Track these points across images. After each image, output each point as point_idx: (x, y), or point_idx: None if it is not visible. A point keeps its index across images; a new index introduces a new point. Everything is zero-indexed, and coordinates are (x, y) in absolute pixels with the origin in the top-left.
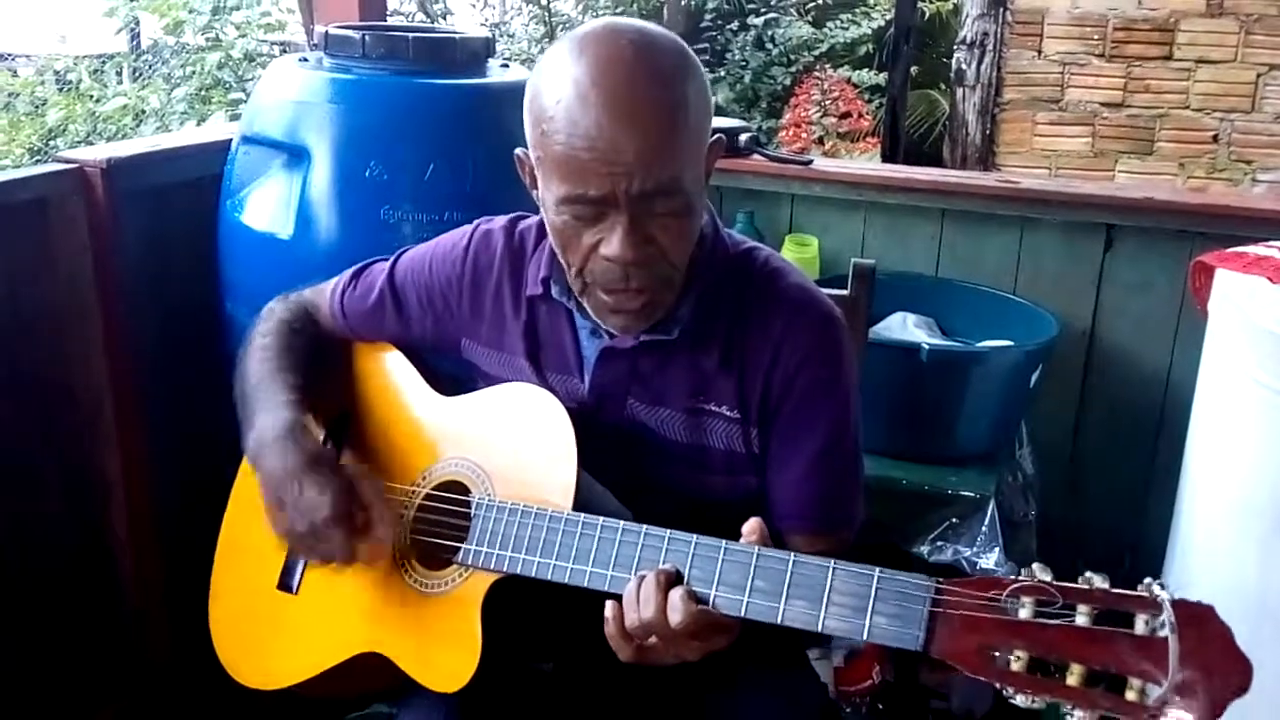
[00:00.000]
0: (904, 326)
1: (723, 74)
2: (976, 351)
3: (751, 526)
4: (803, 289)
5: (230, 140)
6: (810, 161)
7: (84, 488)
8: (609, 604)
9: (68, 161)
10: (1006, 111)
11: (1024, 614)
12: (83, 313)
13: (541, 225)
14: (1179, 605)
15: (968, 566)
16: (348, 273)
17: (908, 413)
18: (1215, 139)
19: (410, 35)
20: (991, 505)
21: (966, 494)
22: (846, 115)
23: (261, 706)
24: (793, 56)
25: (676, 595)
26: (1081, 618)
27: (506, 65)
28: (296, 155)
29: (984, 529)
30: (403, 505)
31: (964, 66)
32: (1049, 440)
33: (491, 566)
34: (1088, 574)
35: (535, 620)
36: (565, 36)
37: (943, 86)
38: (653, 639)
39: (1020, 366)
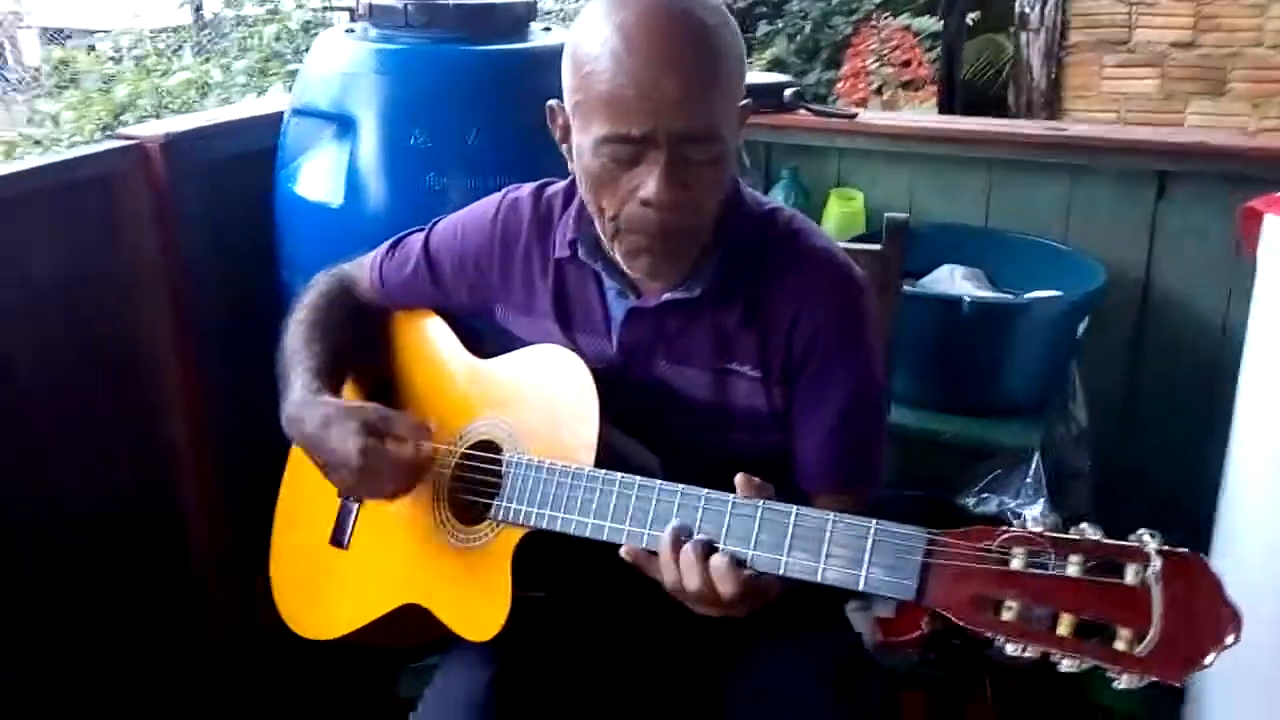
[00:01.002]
0: (951, 279)
1: (781, 25)
2: (1018, 303)
3: (742, 482)
4: (824, 250)
5: (282, 113)
6: (855, 115)
7: (152, 456)
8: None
9: (128, 138)
10: (1072, 55)
11: (1016, 564)
12: (148, 284)
13: (568, 190)
14: (1168, 555)
15: (1012, 518)
16: (385, 244)
17: (951, 366)
18: None
19: (451, 3)
20: (1036, 457)
21: (1011, 445)
22: (907, 64)
23: (323, 666)
24: (854, 5)
25: (722, 564)
26: (1072, 568)
27: (549, 29)
28: (344, 125)
29: (1029, 480)
30: (441, 464)
31: (1027, 9)
32: (1104, 390)
33: (520, 521)
34: (1081, 525)
35: (568, 574)
36: None
37: (1010, 30)
38: (706, 607)
39: (1064, 317)
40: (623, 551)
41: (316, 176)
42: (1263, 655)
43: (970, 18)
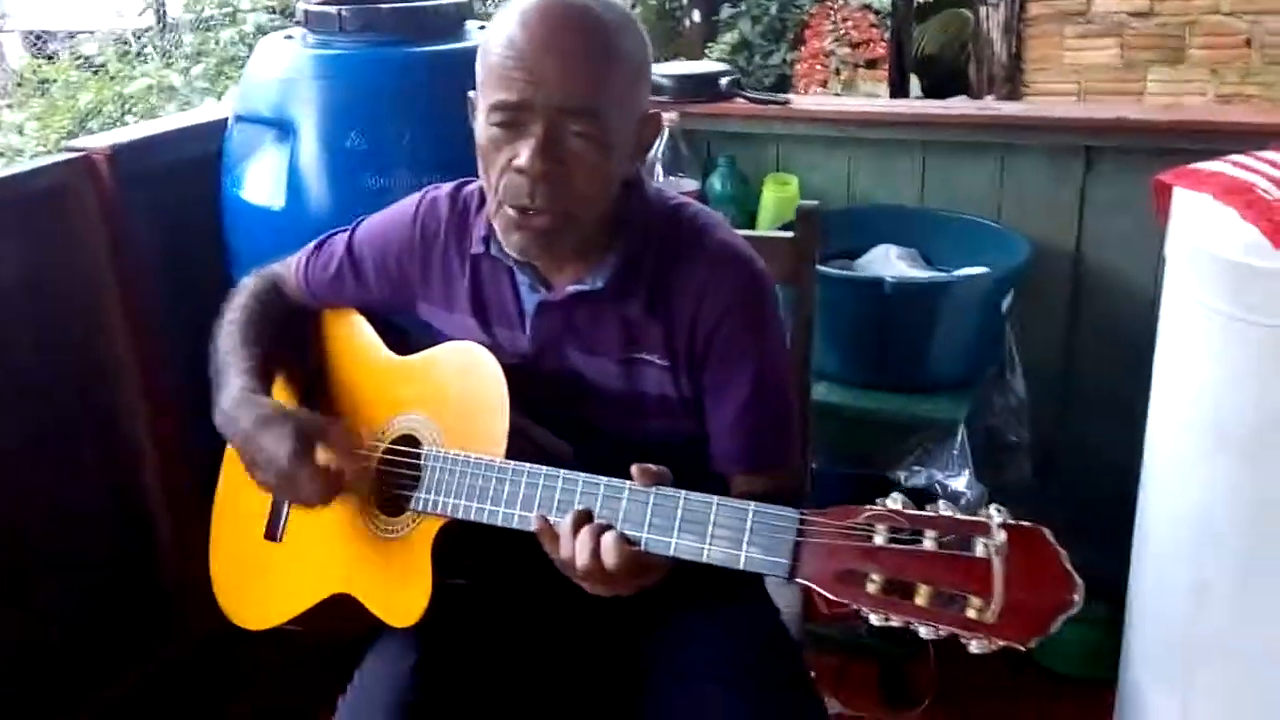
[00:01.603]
0: (887, 259)
1: (744, 7)
2: (939, 283)
3: (637, 472)
4: (726, 243)
5: (226, 119)
6: (788, 101)
7: (117, 458)
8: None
9: (75, 150)
10: (1032, 27)
11: (878, 540)
12: (103, 292)
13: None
14: (1011, 529)
15: (940, 489)
16: (311, 244)
17: (878, 345)
18: (1248, 43)
19: (384, 7)
20: (961, 430)
21: (939, 419)
22: (866, 43)
23: (290, 662)
24: None
25: (610, 539)
26: (928, 542)
27: (484, 28)
28: (284, 130)
29: (954, 453)
30: (366, 458)
31: None
32: (1042, 361)
33: (438, 512)
34: (938, 502)
35: (488, 562)
36: None
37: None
38: (594, 584)
39: (987, 293)
40: (533, 521)
41: (259, 180)
42: (1177, 620)
43: None
